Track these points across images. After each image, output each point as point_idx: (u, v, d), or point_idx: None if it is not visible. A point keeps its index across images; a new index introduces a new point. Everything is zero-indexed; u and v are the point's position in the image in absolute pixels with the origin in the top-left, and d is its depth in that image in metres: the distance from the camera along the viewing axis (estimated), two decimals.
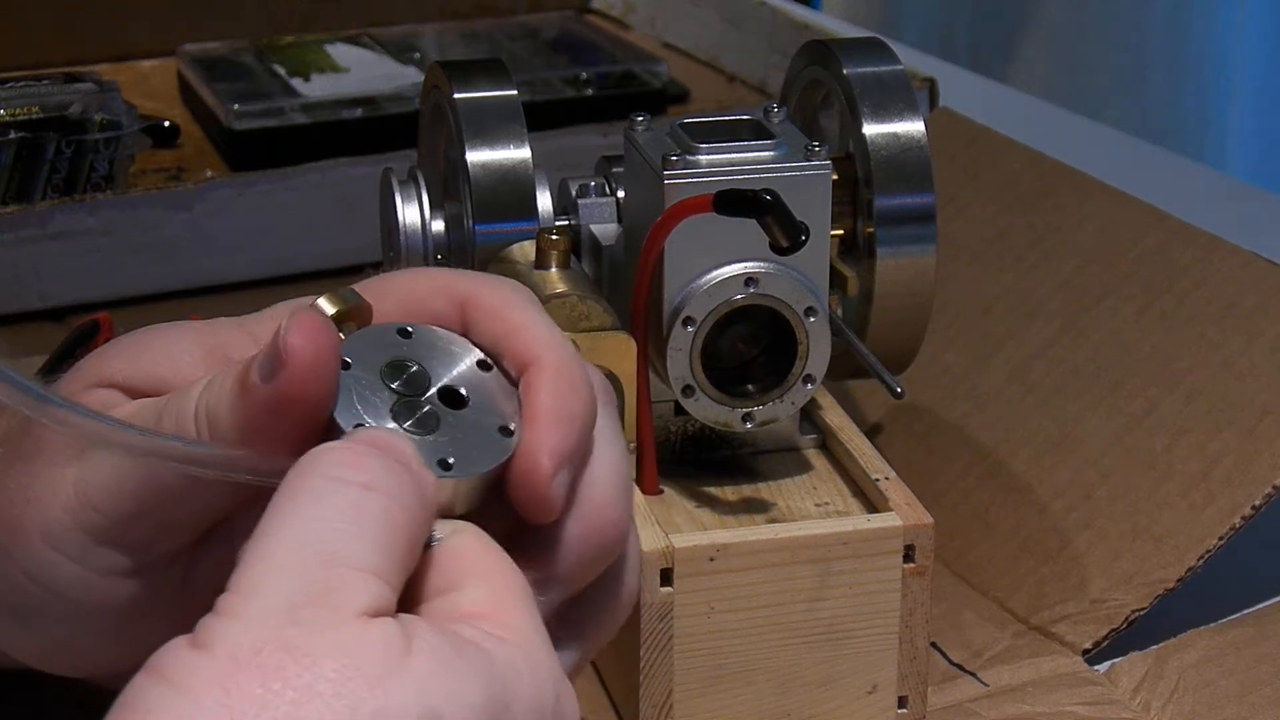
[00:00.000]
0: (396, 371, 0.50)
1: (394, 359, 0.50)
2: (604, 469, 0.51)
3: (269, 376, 0.48)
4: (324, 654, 0.42)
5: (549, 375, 0.51)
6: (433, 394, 0.50)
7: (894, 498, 0.69)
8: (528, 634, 0.47)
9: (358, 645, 0.43)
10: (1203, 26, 2.14)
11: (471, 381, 0.51)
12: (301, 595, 0.44)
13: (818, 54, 0.79)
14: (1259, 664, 0.72)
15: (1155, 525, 0.76)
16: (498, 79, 0.76)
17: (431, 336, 0.51)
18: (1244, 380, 0.78)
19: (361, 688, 0.42)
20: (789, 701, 0.68)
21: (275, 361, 0.48)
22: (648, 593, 0.66)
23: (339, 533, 0.45)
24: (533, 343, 0.51)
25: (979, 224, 0.93)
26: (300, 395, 0.48)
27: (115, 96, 1.04)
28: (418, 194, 0.76)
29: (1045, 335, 0.86)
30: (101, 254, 0.99)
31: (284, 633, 0.43)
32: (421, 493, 0.47)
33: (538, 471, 0.49)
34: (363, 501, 0.45)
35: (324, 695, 0.42)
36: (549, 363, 0.51)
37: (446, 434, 0.49)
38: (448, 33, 1.30)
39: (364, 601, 0.44)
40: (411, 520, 0.46)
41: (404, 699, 0.43)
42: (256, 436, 0.49)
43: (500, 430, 0.50)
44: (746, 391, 0.70)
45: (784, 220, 0.63)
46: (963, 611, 0.76)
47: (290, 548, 0.45)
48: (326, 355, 0.48)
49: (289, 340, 0.48)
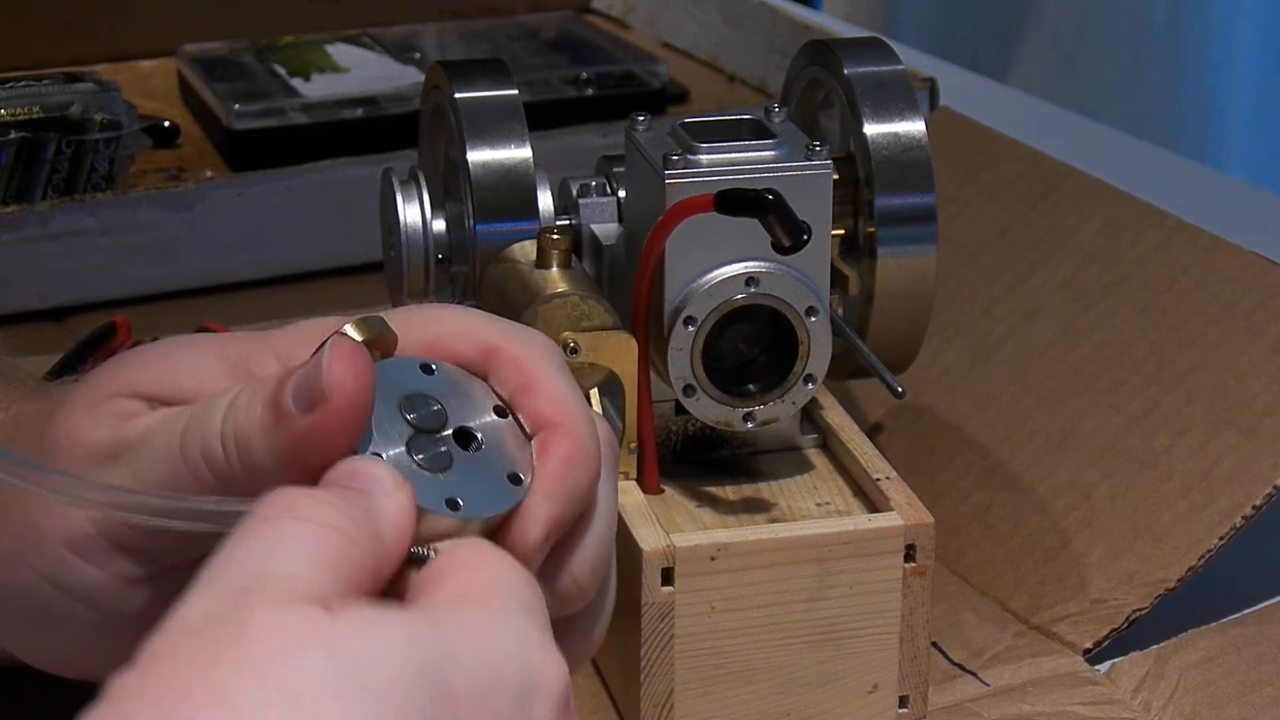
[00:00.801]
0: (415, 406, 0.50)
1: (414, 393, 0.51)
2: (590, 545, 0.52)
3: (309, 407, 0.48)
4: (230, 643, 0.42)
5: (562, 444, 0.51)
6: (448, 433, 0.50)
7: (895, 497, 0.69)
8: (501, 610, 0.46)
9: (263, 626, 0.43)
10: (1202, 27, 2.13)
11: (486, 426, 0.51)
12: (217, 604, 0.44)
13: (818, 54, 0.79)
14: (1259, 664, 0.72)
15: (1155, 525, 0.76)
16: (498, 79, 0.76)
17: (453, 376, 0.52)
18: (1244, 380, 0.78)
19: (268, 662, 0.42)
20: (789, 701, 0.68)
21: (317, 393, 0.48)
22: (649, 592, 0.66)
23: (266, 558, 0.45)
24: (551, 404, 0.52)
25: (979, 224, 0.93)
26: (340, 428, 0.48)
27: (115, 96, 1.04)
28: (418, 194, 0.76)
29: (1045, 335, 0.86)
30: (101, 254, 0.99)
31: (195, 637, 0.43)
32: (371, 522, 0.47)
33: (527, 539, 0.50)
34: (297, 532, 0.45)
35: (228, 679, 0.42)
36: (565, 431, 0.51)
37: (457, 474, 0.50)
38: (448, 33, 1.30)
39: (279, 592, 0.44)
40: (354, 548, 0.46)
41: (315, 660, 0.42)
42: (290, 463, 0.49)
43: (510, 477, 0.50)
44: (747, 391, 0.70)
45: (786, 220, 0.63)
46: (963, 611, 0.76)
47: (221, 570, 0.45)
48: (367, 390, 0.49)
49: (333, 373, 0.48)
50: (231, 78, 1.17)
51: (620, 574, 0.66)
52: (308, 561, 0.45)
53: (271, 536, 0.45)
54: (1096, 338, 0.84)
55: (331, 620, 0.43)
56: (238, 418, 0.50)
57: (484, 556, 0.48)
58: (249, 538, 0.45)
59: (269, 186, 1.02)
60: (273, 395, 0.49)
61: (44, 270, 0.99)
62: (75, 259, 0.99)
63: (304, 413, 0.48)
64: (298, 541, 0.45)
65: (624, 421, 0.69)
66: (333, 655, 0.42)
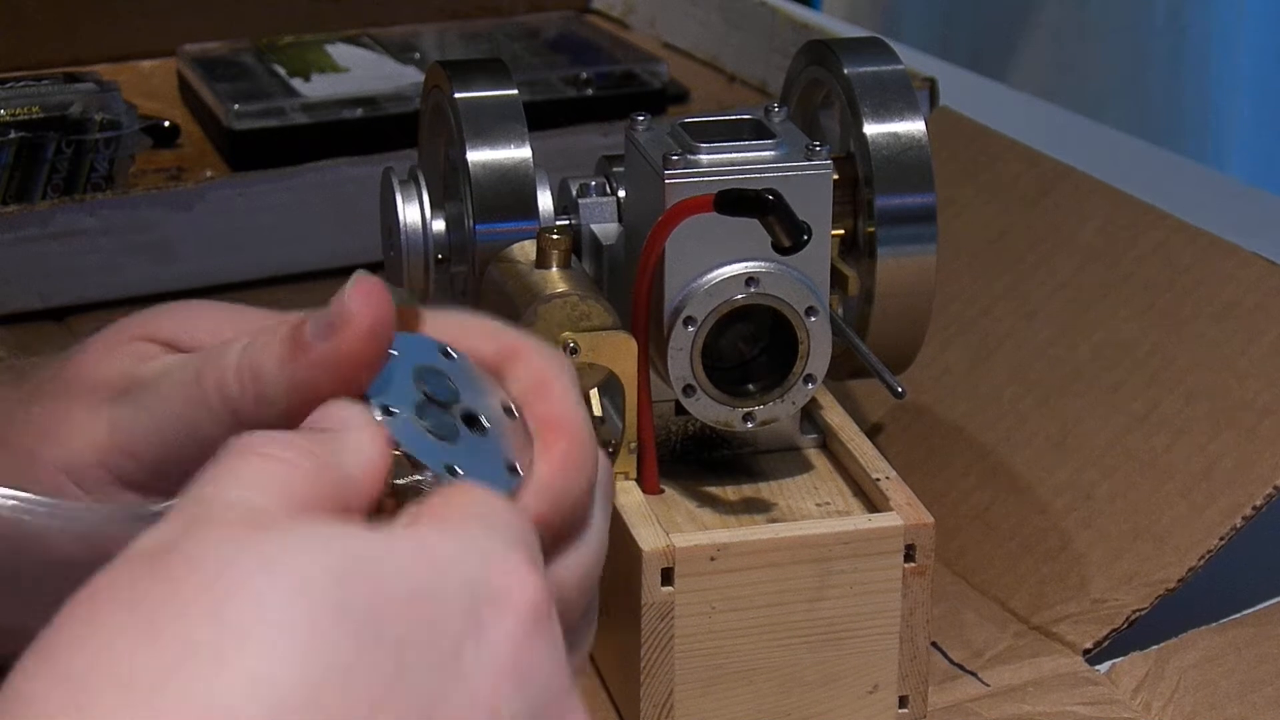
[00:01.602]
0: (428, 379, 0.51)
1: (429, 367, 0.51)
2: (577, 560, 0.52)
3: (327, 335, 0.49)
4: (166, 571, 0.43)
5: (562, 445, 0.51)
6: (457, 411, 0.51)
7: (895, 497, 0.69)
8: (458, 524, 0.46)
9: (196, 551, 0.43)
10: (1203, 26, 2.13)
11: (494, 417, 0.51)
12: (166, 534, 0.44)
13: (818, 54, 0.79)
14: (1259, 664, 0.72)
15: (1156, 525, 0.76)
16: (498, 79, 0.76)
17: (468, 365, 0.52)
18: (1244, 380, 0.78)
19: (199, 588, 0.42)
20: (789, 701, 0.68)
21: (337, 319, 0.49)
22: (649, 592, 0.66)
23: (218, 488, 0.45)
24: (560, 408, 0.52)
25: (979, 224, 0.93)
26: (357, 355, 0.49)
27: (115, 96, 1.04)
28: (418, 194, 0.76)
29: (1045, 335, 0.86)
30: (101, 254, 0.99)
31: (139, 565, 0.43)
32: (335, 457, 0.47)
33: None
34: (254, 465, 0.46)
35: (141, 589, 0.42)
36: (567, 434, 0.52)
37: (460, 447, 0.50)
38: (448, 33, 1.30)
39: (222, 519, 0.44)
40: (311, 479, 0.46)
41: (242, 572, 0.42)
42: (302, 393, 0.49)
43: (508, 468, 0.50)
44: (747, 391, 0.70)
45: (786, 220, 0.63)
46: (963, 611, 0.76)
47: (179, 504, 0.45)
48: (386, 321, 0.49)
49: (353, 302, 0.49)
50: (231, 78, 1.17)
51: (620, 574, 0.66)
52: (260, 490, 0.45)
53: (229, 469, 0.46)
54: (1096, 338, 0.84)
55: (263, 533, 0.43)
56: (254, 351, 0.51)
57: (469, 490, 0.48)
58: (210, 471, 0.46)
59: (269, 186, 1.02)
60: (292, 329, 0.50)
61: (44, 270, 0.99)
62: (75, 259, 0.99)
63: (322, 340, 0.49)
64: (255, 473, 0.45)
65: (624, 421, 0.69)
66: (263, 564, 0.42)
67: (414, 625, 0.43)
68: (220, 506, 0.45)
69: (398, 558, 0.44)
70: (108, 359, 0.55)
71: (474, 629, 0.44)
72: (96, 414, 0.54)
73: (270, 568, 0.42)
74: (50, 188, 1.02)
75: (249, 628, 0.41)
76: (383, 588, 0.43)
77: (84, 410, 0.54)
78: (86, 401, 0.54)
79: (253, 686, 0.41)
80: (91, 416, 0.54)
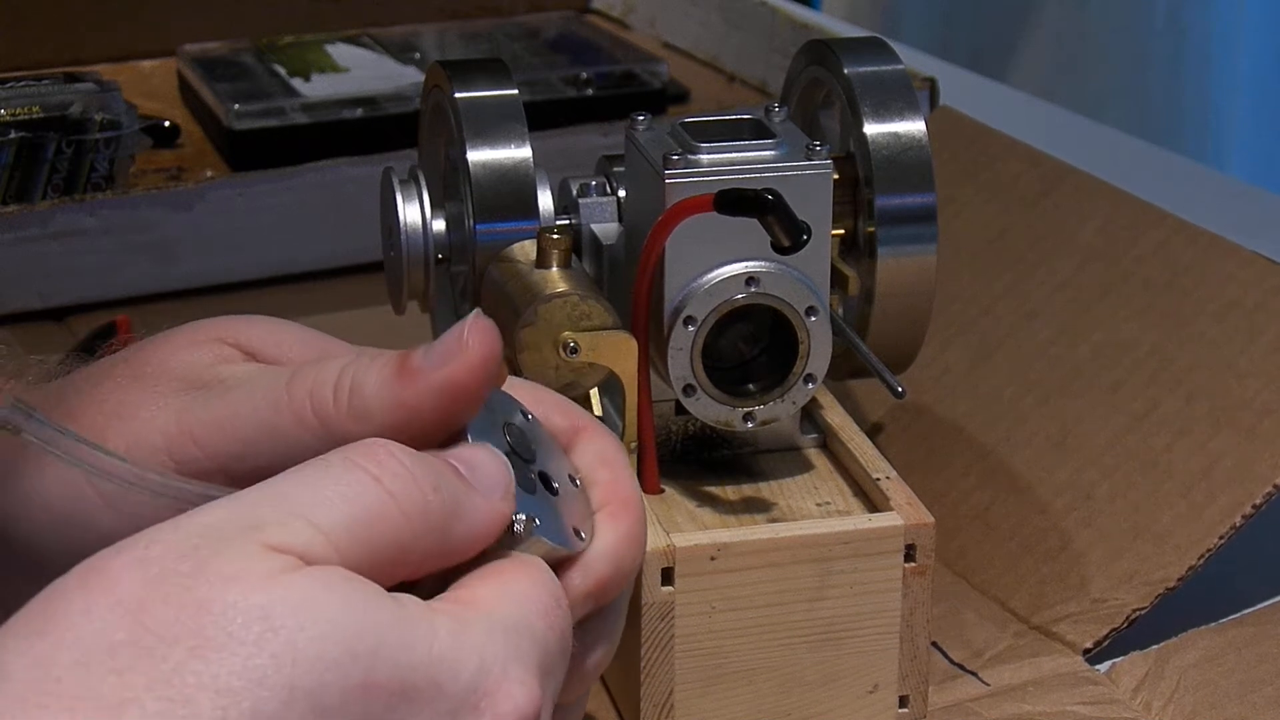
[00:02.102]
0: (513, 434, 0.53)
1: (514, 424, 0.53)
2: (610, 630, 0.54)
3: (441, 363, 0.50)
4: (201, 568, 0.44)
5: (630, 522, 0.54)
6: (535, 469, 0.53)
7: (895, 497, 0.69)
8: (477, 623, 0.47)
9: (242, 561, 0.44)
10: (1203, 26, 2.13)
11: (564, 482, 0.54)
12: (231, 518, 0.45)
13: (818, 54, 0.79)
14: (1259, 664, 0.72)
15: (1156, 525, 0.76)
16: (498, 78, 0.76)
17: (542, 430, 0.55)
18: (1244, 380, 0.78)
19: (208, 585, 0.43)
20: (790, 701, 0.68)
21: (451, 351, 0.50)
22: (649, 592, 0.66)
23: (308, 488, 0.46)
24: (627, 489, 0.55)
25: (979, 224, 0.93)
26: (467, 385, 0.50)
27: (115, 96, 1.04)
28: (418, 193, 0.76)
29: (1045, 335, 0.86)
30: (101, 254, 0.99)
31: (189, 544, 0.44)
32: (444, 513, 0.48)
33: (574, 587, 0.52)
34: (351, 480, 0.47)
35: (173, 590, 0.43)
36: (634, 513, 0.54)
37: (540, 501, 0.52)
38: (448, 33, 1.30)
39: (281, 539, 0.45)
40: (402, 523, 0.47)
41: (241, 610, 0.43)
42: (403, 414, 0.51)
43: (574, 530, 0.53)
44: (747, 391, 0.70)
45: (785, 220, 0.63)
46: (963, 611, 0.76)
47: (267, 488, 0.46)
48: (497, 358, 0.51)
49: (470, 335, 0.51)
50: (231, 78, 1.17)
51: None
52: (334, 515, 0.46)
53: (319, 477, 0.47)
54: (1096, 338, 0.84)
55: (287, 577, 0.44)
56: (357, 369, 0.52)
57: (521, 572, 0.49)
58: (304, 470, 0.47)
59: (269, 186, 1.02)
60: (400, 355, 0.52)
61: (44, 270, 0.99)
62: (75, 259, 0.99)
63: (435, 368, 0.50)
64: (341, 493, 0.46)
65: (624, 421, 0.69)
66: (265, 611, 0.43)
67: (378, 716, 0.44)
68: (276, 523, 0.45)
69: (404, 648, 0.45)
70: (184, 353, 0.56)
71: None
72: (166, 402, 0.54)
73: (245, 629, 0.43)
74: (50, 188, 1.02)
75: (190, 693, 0.42)
76: (377, 675, 0.44)
77: (155, 397, 0.55)
78: (158, 389, 0.55)
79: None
80: (161, 404, 0.54)
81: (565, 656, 0.50)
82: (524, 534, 0.50)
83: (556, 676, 0.49)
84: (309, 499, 0.46)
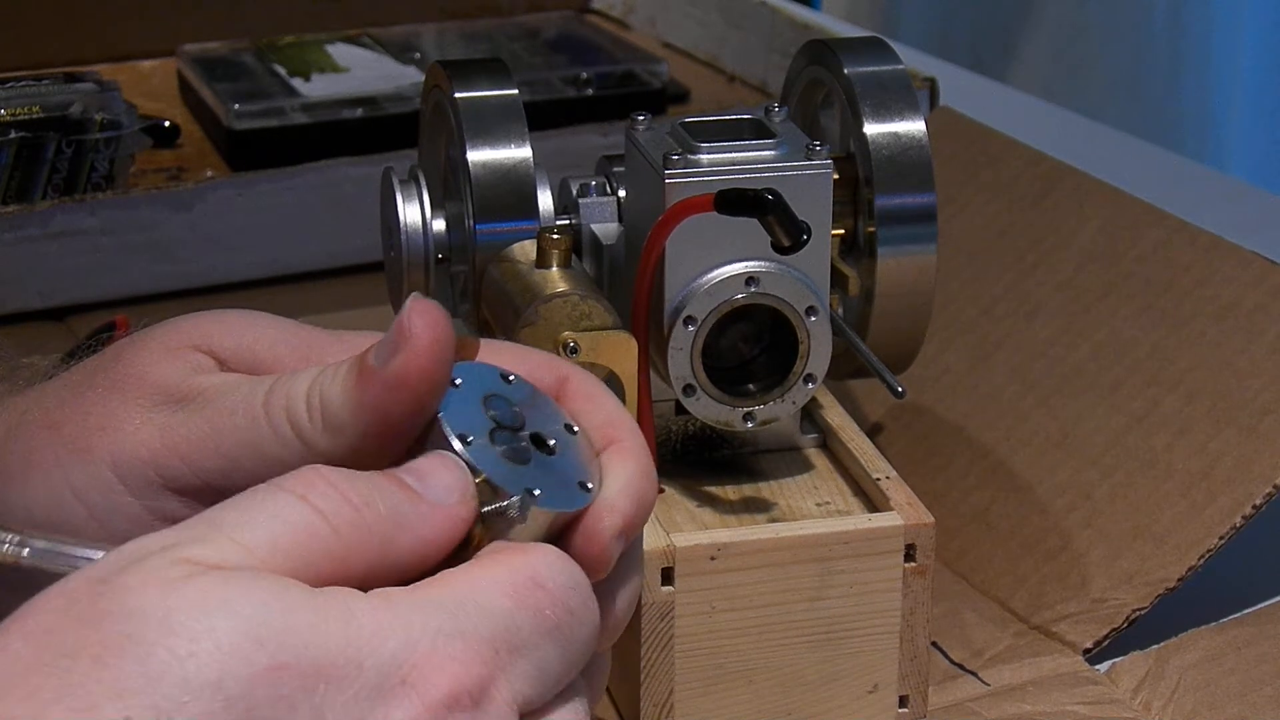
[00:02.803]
0: (495, 405, 0.52)
1: (494, 393, 0.52)
2: (634, 580, 0.54)
3: (390, 356, 0.50)
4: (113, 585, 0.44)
5: (633, 455, 0.53)
6: (525, 435, 0.52)
7: (895, 497, 0.69)
8: (410, 605, 0.46)
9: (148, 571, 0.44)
10: (1203, 26, 2.13)
11: (560, 436, 0.53)
12: (155, 542, 0.45)
13: (818, 54, 0.79)
14: (1259, 664, 0.72)
15: (1156, 525, 0.76)
16: (498, 78, 0.76)
17: (529, 389, 0.54)
18: (1244, 380, 0.78)
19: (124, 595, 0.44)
20: (790, 701, 0.68)
21: (396, 343, 0.50)
22: (649, 592, 0.66)
23: (237, 512, 0.46)
24: (621, 428, 0.54)
25: (979, 224, 0.93)
26: (418, 375, 0.50)
27: (115, 96, 1.04)
28: (419, 193, 0.76)
29: (1045, 335, 0.86)
30: (101, 254, 0.99)
31: (103, 568, 0.45)
32: (381, 522, 0.48)
33: (603, 529, 0.51)
34: (285, 503, 0.47)
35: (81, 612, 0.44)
36: (634, 448, 0.53)
37: (535, 469, 0.51)
38: (448, 33, 1.30)
39: (198, 553, 0.45)
40: (332, 537, 0.47)
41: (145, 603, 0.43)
42: (370, 416, 0.50)
43: (580, 485, 0.52)
44: (747, 391, 0.70)
45: (785, 219, 0.63)
46: (963, 611, 0.76)
47: (201, 515, 0.47)
48: (445, 339, 0.50)
49: (410, 321, 0.50)
50: (231, 78, 1.17)
51: None
52: (258, 532, 0.46)
53: (248, 502, 0.47)
54: (1096, 338, 0.84)
55: (192, 579, 0.44)
56: (324, 381, 0.52)
57: (494, 557, 0.49)
58: (237, 498, 0.47)
59: (269, 186, 1.02)
60: (357, 358, 0.51)
61: (44, 270, 0.99)
62: (75, 259, 0.99)
63: (383, 364, 0.50)
64: (272, 516, 0.46)
65: None
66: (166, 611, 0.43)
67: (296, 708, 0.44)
68: (210, 546, 0.45)
69: (313, 629, 0.45)
70: (167, 361, 0.55)
71: (367, 715, 0.45)
72: (148, 416, 0.54)
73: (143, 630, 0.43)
74: (50, 188, 1.02)
75: (94, 700, 0.42)
76: (286, 656, 0.44)
77: (137, 410, 0.54)
78: (139, 403, 0.54)
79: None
80: (143, 417, 0.54)
81: (555, 637, 0.48)
82: (521, 514, 0.50)
83: (534, 656, 0.48)
84: (235, 520, 0.46)
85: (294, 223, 1.03)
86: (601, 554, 0.51)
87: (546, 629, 0.48)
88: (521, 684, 0.47)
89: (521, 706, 0.47)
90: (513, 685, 0.47)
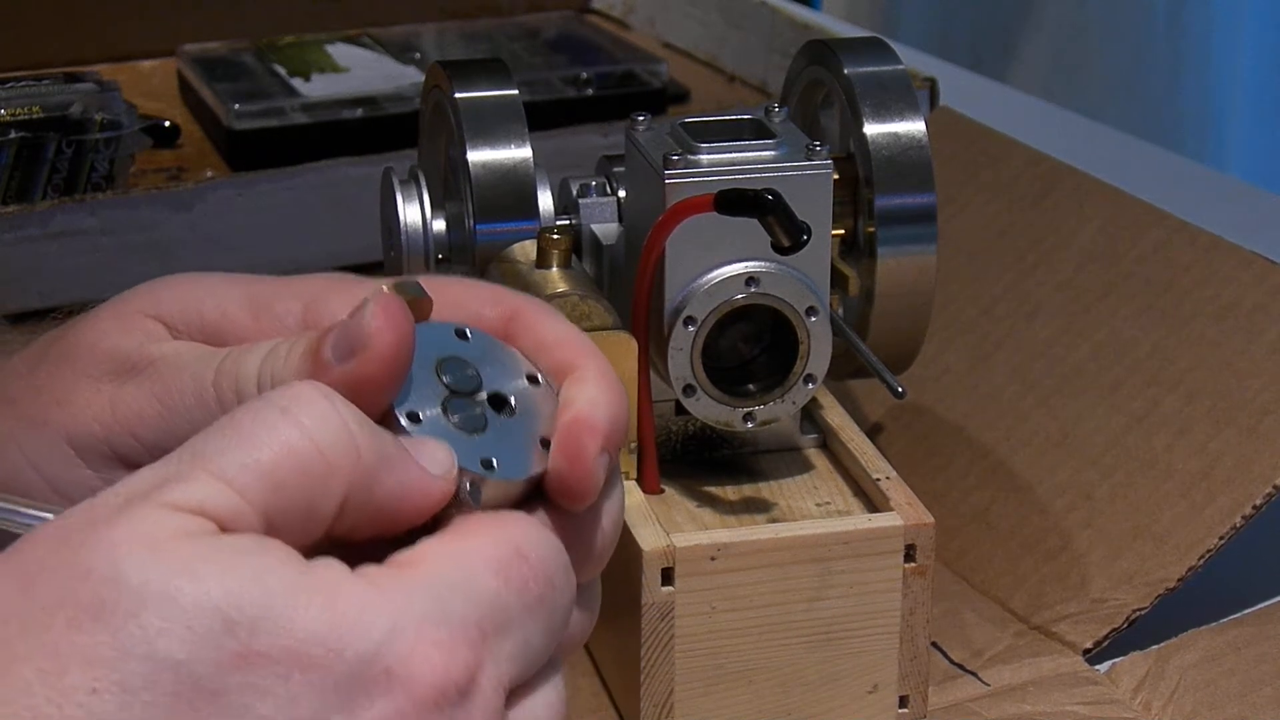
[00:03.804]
0: (450, 369, 0.51)
1: (449, 356, 0.51)
2: (616, 497, 0.52)
3: (346, 356, 0.48)
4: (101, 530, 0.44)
5: (594, 377, 0.51)
6: (483, 397, 0.51)
7: (895, 497, 0.69)
8: (394, 590, 0.45)
9: (136, 524, 0.44)
10: (1203, 26, 2.13)
11: (520, 392, 0.51)
12: (144, 482, 0.45)
13: (818, 54, 0.79)
14: (1259, 664, 0.72)
15: (1156, 525, 0.76)
16: (499, 78, 0.76)
17: (486, 343, 0.52)
18: (1244, 380, 0.78)
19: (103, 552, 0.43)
20: (790, 701, 0.68)
21: (356, 342, 0.48)
22: (649, 592, 0.66)
23: (220, 438, 0.45)
24: (578, 353, 0.52)
25: (979, 224, 0.93)
26: (377, 380, 0.48)
27: (115, 96, 1.04)
28: (419, 193, 0.76)
29: (1045, 335, 0.86)
30: (101, 254, 0.99)
31: (98, 510, 0.44)
32: (352, 447, 0.46)
33: (584, 448, 0.49)
34: (271, 423, 0.46)
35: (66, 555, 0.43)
36: (595, 368, 0.52)
37: (492, 436, 0.50)
38: (448, 33, 1.30)
39: (183, 496, 0.44)
40: (319, 462, 0.46)
41: (123, 568, 0.43)
42: None
43: (542, 442, 0.51)
44: (747, 391, 0.70)
45: (785, 220, 0.63)
46: (963, 611, 0.76)
47: (186, 445, 0.46)
48: (407, 345, 0.49)
49: (375, 324, 0.48)
50: (231, 78, 1.17)
51: (620, 574, 0.66)
52: (243, 460, 0.45)
53: (231, 425, 0.46)
54: (1096, 338, 0.84)
55: (173, 544, 0.44)
56: (275, 362, 0.50)
57: (475, 527, 0.48)
58: (221, 420, 0.46)
59: (269, 186, 1.02)
60: (313, 345, 0.50)
61: (44, 270, 0.99)
62: (75, 259, 0.99)
63: (340, 361, 0.48)
64: (254, 437, 0.45)
65: None
66: (142, 579, 0.43)
67: (268, 695, 0.43)
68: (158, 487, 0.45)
69: (289, 614, 0.44)
70: (118, 330, 0.55)
71: (346, 704, 0.44)
72: (99, 388, 0.54)
73: (118, 598, 0.43)
74: (50, 188, 1.02)
75: (64, 663, 0.42)
76: (258, 642, 0.43)
77: (88, 383, 0.54)
78: (91, 374, 0.54)
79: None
80: (94, 389, 0.54)
81: (538, 612, 0.47)
82: (477, 491, 0.48)
83: (519, 635, 0.47)
84: (216, 448, 0.45)
85: (294, 223, 1.03)
86: (587, 475, 0.49)
87: (530, 604, 0.47)
88: (507, 665, 0.46)
89: (507, 688, 0.46)
90: (499, 668, 0.46)
